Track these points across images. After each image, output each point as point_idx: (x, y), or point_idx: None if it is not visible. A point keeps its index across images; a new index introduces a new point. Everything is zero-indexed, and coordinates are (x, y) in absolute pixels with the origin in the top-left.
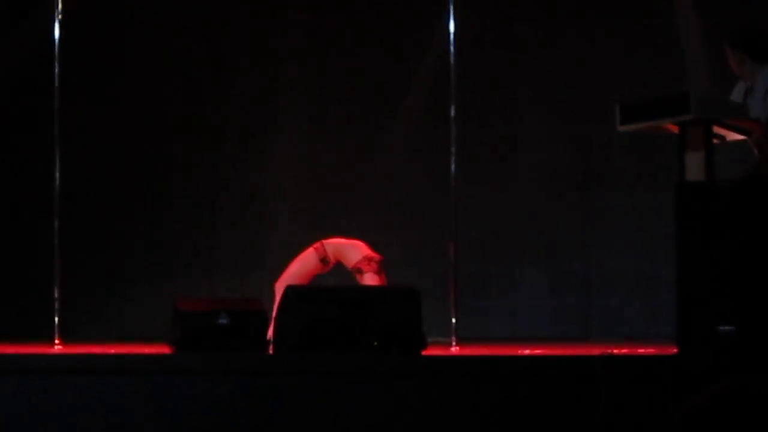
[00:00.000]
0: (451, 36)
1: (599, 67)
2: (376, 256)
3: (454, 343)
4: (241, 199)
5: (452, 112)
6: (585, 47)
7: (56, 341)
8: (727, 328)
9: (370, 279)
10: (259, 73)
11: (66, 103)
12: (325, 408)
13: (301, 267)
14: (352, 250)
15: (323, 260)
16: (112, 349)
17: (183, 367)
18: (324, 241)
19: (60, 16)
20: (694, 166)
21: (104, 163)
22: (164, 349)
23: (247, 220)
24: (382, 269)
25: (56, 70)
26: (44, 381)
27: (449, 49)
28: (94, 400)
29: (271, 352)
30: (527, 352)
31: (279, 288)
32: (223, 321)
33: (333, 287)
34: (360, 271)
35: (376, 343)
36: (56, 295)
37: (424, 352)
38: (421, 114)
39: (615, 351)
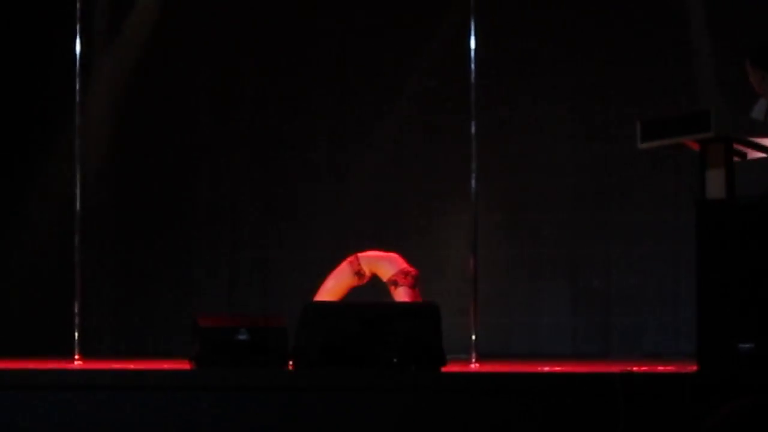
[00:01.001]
0: (472, 53)
1: (619, 85)
2: (412, 270)
3: (473, 360)
4: (262, 215)
5: (473, 129)
6: (605, 65)
7: (76, 357)
8: (747, 345)
9: (404, 293)
10: (277, 90)
11: (87, 119)
12: (344, 424)
13: (336, 282)
14: (388, 263)
15: (358, 274)
16: (132, 365)
17: (203, 383)
18: (359, 254)
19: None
20: (715, 184)
21: (124, 179)
22: (184, 365)
23: (267, 236)
24: (417, 284)
25: (77, 86)
26: (64, 397)
27: (470, 67)
28: (113, 416)
29: (290, 367)
30: (547, 369)
31: None
32: (243, 337)
33: (353, 303)
34: (395, 284)
35: (395, 360)
36: (76, 311)
37: (443, 369)
38: (442, 130)
39: (635, 368)
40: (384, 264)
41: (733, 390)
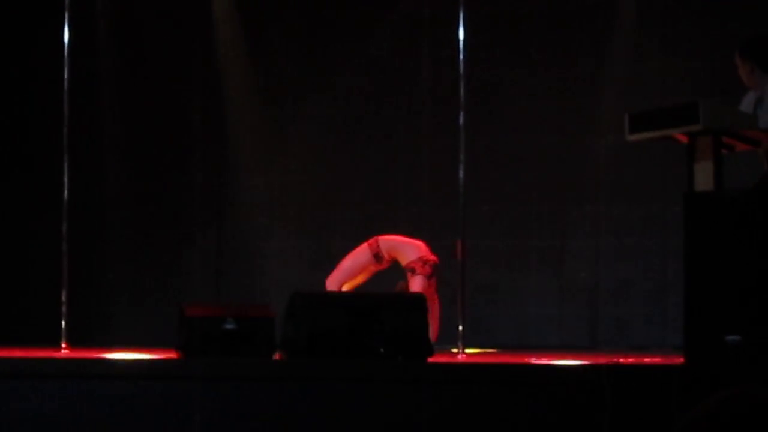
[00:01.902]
0: (461, 44)
1: (609, 77)
2: (432, 258)
3: (460, 351)
4: (249, 206)
5: (461, 120)
6: (595, 57)
7: (63, 345)
8: (734, 337)
9: (419, 282)
10: (271, 84)
11: (75, 108)
12: (331, 414)
13: (353, 262)
14: (409, 249)
15: (377, 257)
16: (119, 354)
17: (190, 373)
18: (379, 238)
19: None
20: (703, 176)
21: (113, 168)
22: (171, 354)
23: (254, 227)
24: (435, 273)
25: (65, 75)
26: (51, 385)
27: (459, 57)
28: (100, 405)
29: (277, 357)
30: (534, 360)
31: (330, 283)
32: (229, 326)
33: (340, 294)
34: (413, 271)
35: (382, 350)
36: (64, 300)
37: (430, 360)
38: (430, 122)
39: (622, 360)
40: (404, 249)
41: (720, 382)
